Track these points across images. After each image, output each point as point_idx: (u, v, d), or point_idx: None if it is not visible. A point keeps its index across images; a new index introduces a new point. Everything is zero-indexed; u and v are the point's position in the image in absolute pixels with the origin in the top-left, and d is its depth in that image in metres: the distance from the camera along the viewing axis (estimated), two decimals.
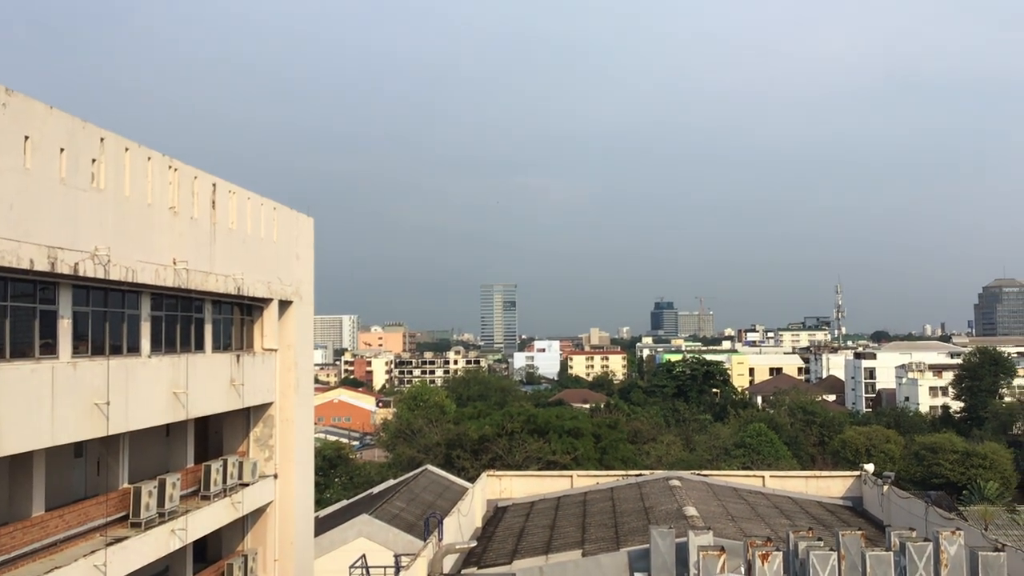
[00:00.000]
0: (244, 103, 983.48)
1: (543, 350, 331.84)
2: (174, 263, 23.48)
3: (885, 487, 39.67)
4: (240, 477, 28.74)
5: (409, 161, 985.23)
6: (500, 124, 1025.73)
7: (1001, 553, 21.83)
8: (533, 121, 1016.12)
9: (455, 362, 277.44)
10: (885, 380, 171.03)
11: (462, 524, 37.25)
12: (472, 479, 52.44)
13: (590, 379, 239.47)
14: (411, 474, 58.06)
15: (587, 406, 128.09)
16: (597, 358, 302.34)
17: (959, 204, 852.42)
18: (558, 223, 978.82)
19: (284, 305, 32.10)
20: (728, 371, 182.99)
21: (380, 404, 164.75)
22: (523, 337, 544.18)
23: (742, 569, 22.52)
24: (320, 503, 57.56)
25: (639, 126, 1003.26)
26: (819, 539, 23.47)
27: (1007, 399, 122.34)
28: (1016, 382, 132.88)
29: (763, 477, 46.83)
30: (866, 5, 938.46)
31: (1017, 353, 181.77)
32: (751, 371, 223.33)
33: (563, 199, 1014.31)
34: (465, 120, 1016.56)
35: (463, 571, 33.53)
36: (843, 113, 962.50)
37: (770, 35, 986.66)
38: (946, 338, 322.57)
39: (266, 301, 30.76)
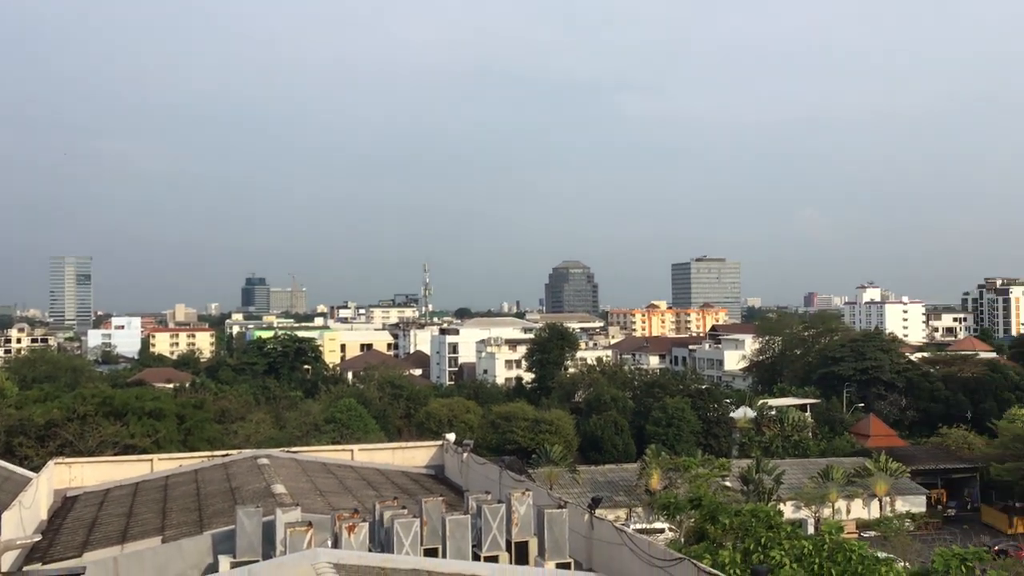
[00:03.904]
0: None
1: (122, 327, 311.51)
2: None
3: (464, 454, 41.91)
4: None
5: None
6: (75, 84, 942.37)
7: (563, 510, 23.89)
8: (112, 84, 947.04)
9: (18, 340, 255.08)
10: (467, 354, 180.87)
11: (24, 518, 33.74)
12: (37, 468, 47.77)
13: (175, 358, 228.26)
14: None
15: (171, 386, 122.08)
16: (183, 335, 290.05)
17: (534, 192, 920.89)
18: (141, 194, 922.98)
19: None
20: (320, 347, 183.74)
21: None
22: (99, 313, 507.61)
23: (328, 543, 22.58)
24: None
25: (224, 97, 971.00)
26: (403, 507, 24.14)
27: (571, 370, 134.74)
28: (579, 355, 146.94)
29: (352, 451, 47.45)
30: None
31: (580, 328, 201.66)
32: (343, 347, 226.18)
33: (147, 169, 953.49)
34: (33, 76, 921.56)
35: (25, 568, 30.41)
36: (422, 102, 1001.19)
37: (346, 17, 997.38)
38: (521, 315, 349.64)
39: None
